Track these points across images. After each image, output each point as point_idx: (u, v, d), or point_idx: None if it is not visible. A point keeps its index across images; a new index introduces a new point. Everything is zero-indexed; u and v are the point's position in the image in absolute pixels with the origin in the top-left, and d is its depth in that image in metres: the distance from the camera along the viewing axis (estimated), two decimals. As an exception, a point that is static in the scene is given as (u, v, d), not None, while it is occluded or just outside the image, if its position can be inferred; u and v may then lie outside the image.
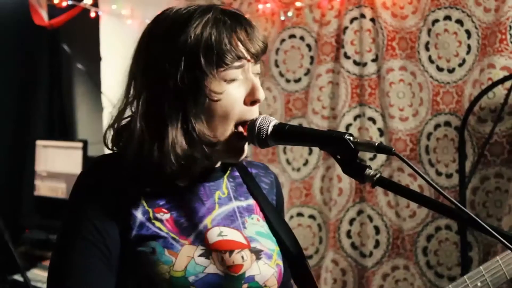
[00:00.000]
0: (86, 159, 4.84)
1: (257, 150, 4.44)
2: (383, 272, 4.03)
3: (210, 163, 1.66)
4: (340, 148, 1.49)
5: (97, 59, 5.15)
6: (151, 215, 1.58)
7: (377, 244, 4.06)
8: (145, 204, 1.59)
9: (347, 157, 1.49)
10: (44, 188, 5.12)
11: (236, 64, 1.57)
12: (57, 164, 5.06)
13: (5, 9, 4.90)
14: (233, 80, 1.58)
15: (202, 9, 1.59)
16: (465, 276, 1.92)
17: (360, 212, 4.12)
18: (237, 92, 1.59)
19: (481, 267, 1.94)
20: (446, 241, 3.84)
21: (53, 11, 5.02)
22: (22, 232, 4.95)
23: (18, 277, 4.42)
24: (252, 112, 1.61)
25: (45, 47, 5.40)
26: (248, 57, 1.59)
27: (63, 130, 5.52)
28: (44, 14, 5.00)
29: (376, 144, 1.45)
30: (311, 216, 4.30)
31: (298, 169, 4.34)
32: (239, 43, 1.57)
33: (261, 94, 1.61)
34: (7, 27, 4.99)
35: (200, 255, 1.56)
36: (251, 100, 1.60)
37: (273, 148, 4.40)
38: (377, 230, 4.06)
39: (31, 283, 3.95)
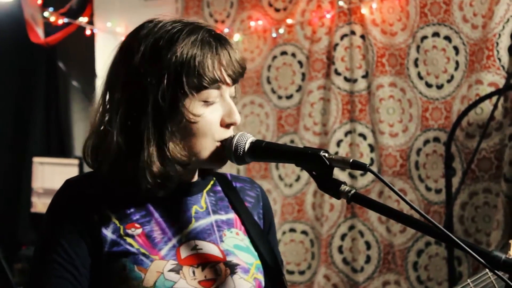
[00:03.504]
0: (82, 175, 4.87)
1: (250, 166, 4.46)
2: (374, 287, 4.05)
3: (186, 178, 1.68)
4: (315, 165, 1.51)
5: (93, 76, 5.18)
6: (121, 232, 1.58)
7: (368, 259, 4.08)
8: (116, 222, 1.59)
9: (322, 174, 1.50)
10: (40, 205, 5.14)
11: (215, 86, 1.58)
12: (53, 181, 5.07)
13: (1, 26, 4.93)
14: (210, 102, 1.58)
15: (190, 29, 1.59)
16: None
17: (351, 228, 4.14)
18: (214, 114, 1.59)
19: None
20: (436, 256, 3.86)
21: (49, 28, 5.05)
22: (19, 249, 4.97)
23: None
24: (227, 133, 1.62)
25: (42, 65, 5.41)
26: (227, 81, 1.60)
27: (60, 147, 5.53)
28: (40, 31, 5.03)
29: (351, 160, 1.46)
30: (304, 232, 4.32)
31: (290, 185, 4.36)
32: (221, 67, 1.58)
33: (237, 117, 1.62)
34: (3, 44, 5.03)
35: (170, 270, 1.56)
36: (226, 123, 1.61)
37: (266, 164, 4.42)
38: (368, 245, 4.08)
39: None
